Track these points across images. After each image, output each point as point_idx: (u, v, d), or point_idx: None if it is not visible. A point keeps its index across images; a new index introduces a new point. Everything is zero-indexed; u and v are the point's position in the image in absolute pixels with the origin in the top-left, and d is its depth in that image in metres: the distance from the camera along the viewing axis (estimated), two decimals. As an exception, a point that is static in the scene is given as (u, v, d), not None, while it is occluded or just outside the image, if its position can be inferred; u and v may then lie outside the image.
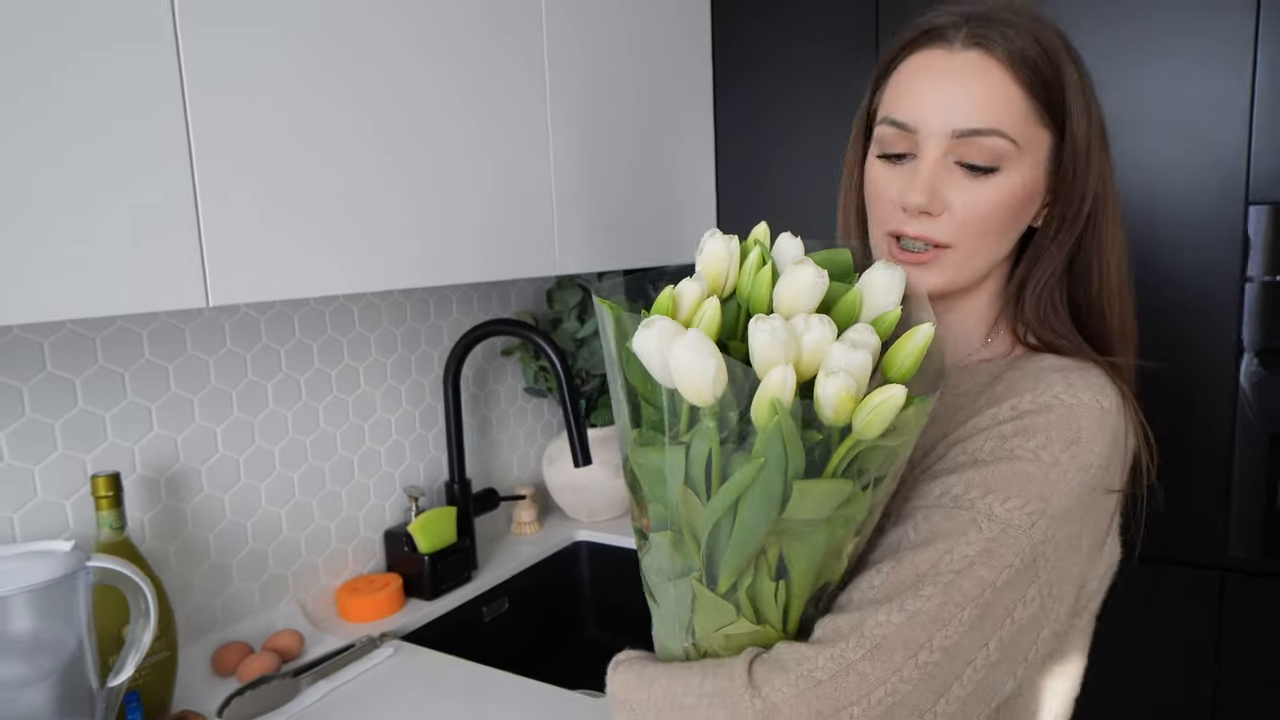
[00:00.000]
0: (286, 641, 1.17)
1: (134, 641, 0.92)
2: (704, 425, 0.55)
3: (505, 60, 1.20)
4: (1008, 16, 0.69)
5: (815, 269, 0.58)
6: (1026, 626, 0.62)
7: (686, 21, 1.64)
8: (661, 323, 0.55)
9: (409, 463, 1.46)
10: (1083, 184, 0.71)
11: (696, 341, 0.53)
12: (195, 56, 0.84)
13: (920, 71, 0.71)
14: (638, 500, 0.63)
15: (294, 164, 0.94)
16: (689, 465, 0.57)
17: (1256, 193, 1.32)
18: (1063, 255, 0.73)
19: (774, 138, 1.68)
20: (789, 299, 0.58)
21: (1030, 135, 0.69)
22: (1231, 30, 1.30)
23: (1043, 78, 0.68)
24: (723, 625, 0.62)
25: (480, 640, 1.42)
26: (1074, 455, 0.64)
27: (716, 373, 0.53)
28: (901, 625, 0.59)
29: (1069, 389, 0.66)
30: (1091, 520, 0.66)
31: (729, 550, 0.58)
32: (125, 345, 1.08)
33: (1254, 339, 1.35)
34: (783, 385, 0.52)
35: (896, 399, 0.53)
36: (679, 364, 0.53)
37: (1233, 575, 1.39)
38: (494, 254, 1.21)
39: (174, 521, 1.14)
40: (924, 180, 0.69)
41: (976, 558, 0.61)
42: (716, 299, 0.57)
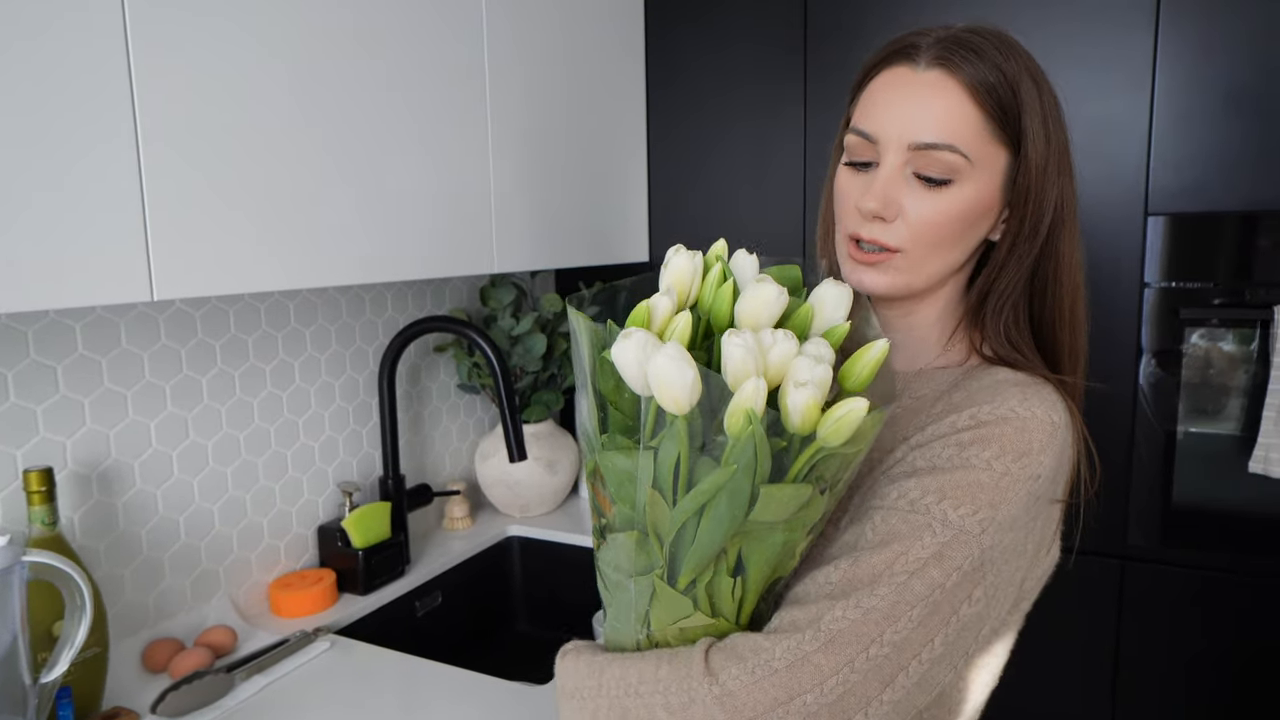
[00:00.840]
0: (219, 637, 1.17)
1: (68, 637, 0.91)
2: (673, 430, 0.58)
3: (446, 60, 1.22)
4: (975, 40, 0.74)
5: (776, 286, 0.61)
6: (970, 624, 0.67)
7: (621, 25, 1.67)
8: (639, 334, 0.58)
9: (343, 458, 1.47)
10: (1038, 202, 0.75)
11: (676, 352, 0.56)
12: (143, 50, 0.84)
13: (886, 86, 0.76)
14: (601, 500, 0.66)
15: (239, 160, 0.95)
16: (657, 469, 0.60)
17: (1155, 204, 1.41)
18: (1022, 270, 0.76)
19: (706, 138, 1.73)
20: (751, 314, 0.62)
21: (985, 152, 0.73)
22: (1131, 49, 1.39)
23: (999, 99, 0.73)
24: (679, 618, 0.65)
25: (413, 634, 1.43)
26: (1024, 466, 0.68)
27: (694, 382, 0.56)
28: (856, 620, 0.63)
29: (1024, 403, 0.70)
30: (1036, 527, 0.71)
31: (693, 550, 0.62)
32: (58, 339, 1.06)
33: (1151, 342, 1.45)
34: (756, 396, 0.55)
35: (859, 411, 0.57)
36: (659, 373, 0.56)
37: (1132, 564, 1.49)
38: (432, 252, 1.23)
39: (106, 517, 1.13)
40: (879, 187, 0.74)
41: (929, 560, 0.65)
42: (689, 313, 0.61)
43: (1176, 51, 1.37)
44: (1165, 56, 1.38)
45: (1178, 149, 1.40)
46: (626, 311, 0.65)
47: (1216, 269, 1.41)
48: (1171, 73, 1.38)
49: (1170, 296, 1.43)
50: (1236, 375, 1.42)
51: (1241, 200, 1.37)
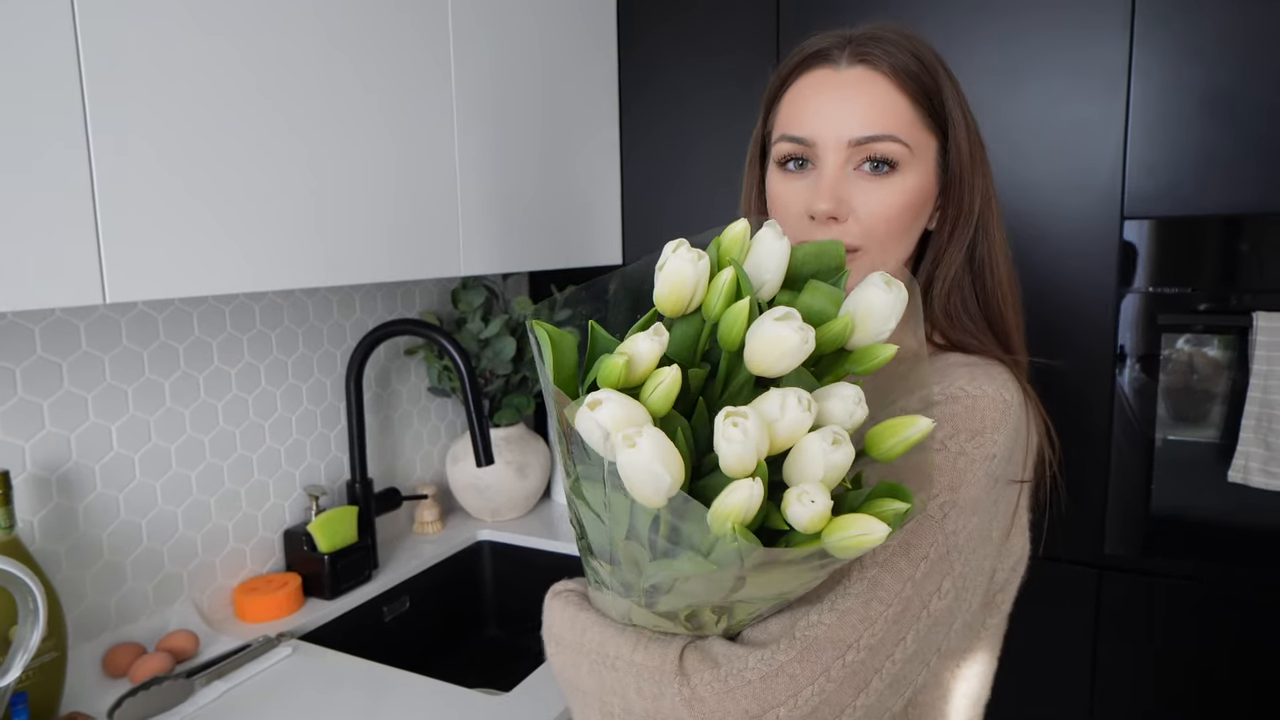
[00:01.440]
0: (180, 642, 1.17)
1: (21, 642, 0.90)
2: None
3: (412, 61, 1.22)
4: (885, 35, 0.75)
5: (801, 330, 0.49)
6: (941, 618, 0.65)
7: (592, 25, 1.68)
8: (611, 408, 0.48)
9: (310, 462, 1.46)
10: (969, 184, 0.77)
11: (651, 450, 0.46)
12: (94, 48, 0.84)
13: (811, 90, 0.76)
14: (576, 519, 0.62)
15: (196, 160, 0.94)
16: (633, 517, 0.52)
17: (1131, 208, 1.42)
18: (962, 254, 0.78)
19: (680, 139, 1.74)
20: (763, 359, 0.50)
21: (919, 139, 0.75)
22: (1105, 52, 1.40)
23: (924, 87, 0.74)
24: (660, 626, 0.63)
25: (381, 639, 1.43)
26: (978, 445, 0.67)
27: (670, 486, 0.47)
28: (832, 625, 0.61)
29: (972, 381, 0.69)
30: (999, 510, 0.69)
31: (671, 597, 0.57)
32: (16, 340, 1.06)
33: (1129, 348, 1.45)
34: (746, 506, 0.46)
35: (875, 538, 0.48)
36: (628, 472, 0.47)
37: (1109, 573, 1.49)
38: (398, 254, 1.23)
39: (66, 520, 1.12)
40: (828, 187, 0.74)
41: (896, 549, 0.63)
42: (676, 372, 0.50)
43: (1151, 55, 1.38)
44: (1140, 60, 1.39)
45: (1153, 153, 1.40)
46: (616, 303, 0.59)
47: (1195, 274, 1.41)
48: (1147, 76, 1.38)
49: (1147, 302, 1.44)
50: (1217, 382, 1.42)
51: (1218, 204, 1.37)
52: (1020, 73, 1.45)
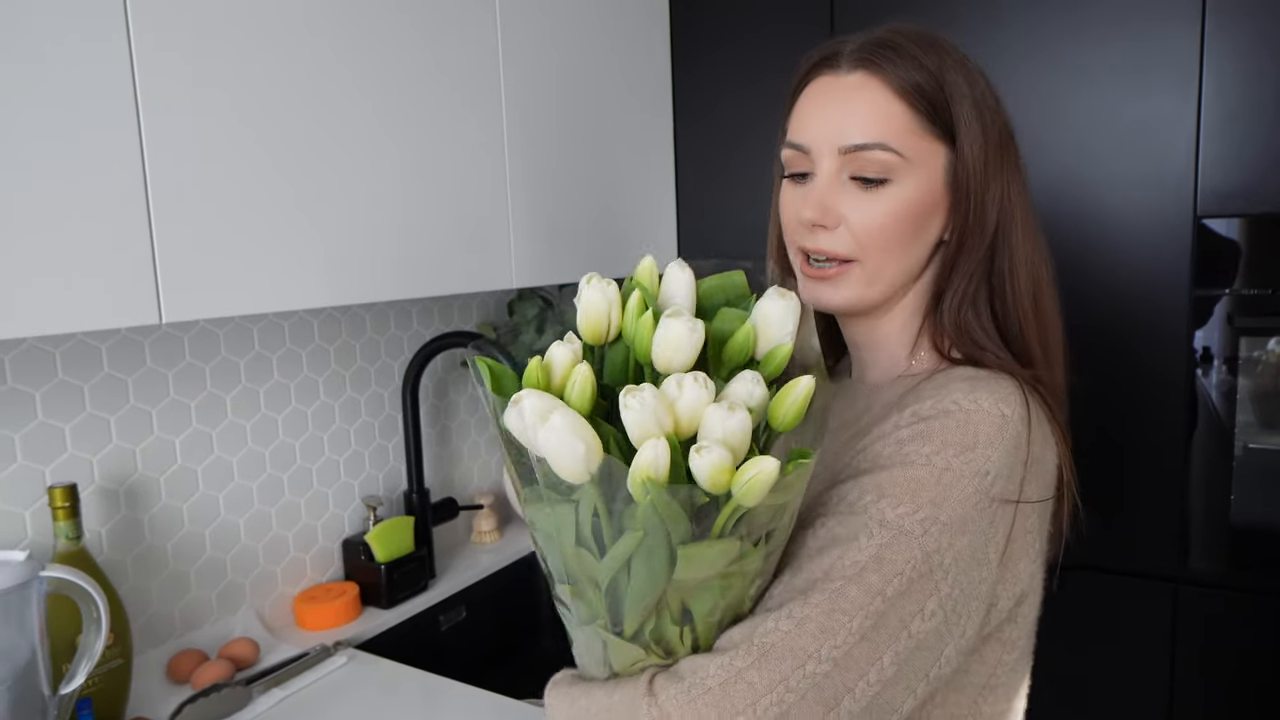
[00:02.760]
0: (241, 649, 1.20)
1: (85, 649, 0.94)
2: (587, 489, 0.55)
3: (462, 76, 1.24)
4: (894, 38, 0.73)
5: (687, 322, 0.56)
6: (927, 641, 0.62)
7: (644, 30, 1.67)
8: (529, 401, 0.53)
9: (368, 472, 1.49)
10: (981, 195, 0.73)
11: (563, 424, 0.51)
12: (149, 68, 0.86)
13: (812, 96, 0.76)
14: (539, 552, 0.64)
15: (250, 182, 0.97)
16: (579, 525, 0.56)
17: (1205, 207, 1.35)
18: (974, 266, 0.74)
19: (733, 146, 1.72)
20: (665, 355, 0.57)
21: (919, 148, 0.72)
22: (1175, 46, 1.34)
23: (925, 92, 0.71)
24: (636, 661, 0.63)
25: (437, 649, 1.44)
26: (967, 461, 0.64)
27: (587, 453, 0.52)
28: (789, 633, 0.60)
29: (969, 395, 0.67)
30: (997, 531, 0.66)
31: (627, 604, 0.58)
32: (85, 359, 1.10)
33: (1212, 350, 1.38)
34: (654, 462, 0.51)
35: (769, 473, 0.52)
36: (547, 448, 0.52)
37: (1186, 588, 1.42)
38: (450, 268, 1.24)
39: (132, 531, 1.16)
40: (815, 195, 0.73)
41: (868, 564, 0.61)
42: (587, 365, 0.56)
43: (1224, 47, 1.31)
44: (1212, 53, 1.32)
45: (1228, 149, 1.33)
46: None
47: (1275, 274, 1.34)
48: (1219, 69, 1.32)
49: (1223, 303, 1.37)
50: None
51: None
52: (1085, 69, 1.40)
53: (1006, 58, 1.44)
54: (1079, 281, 1.43)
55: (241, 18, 0.95)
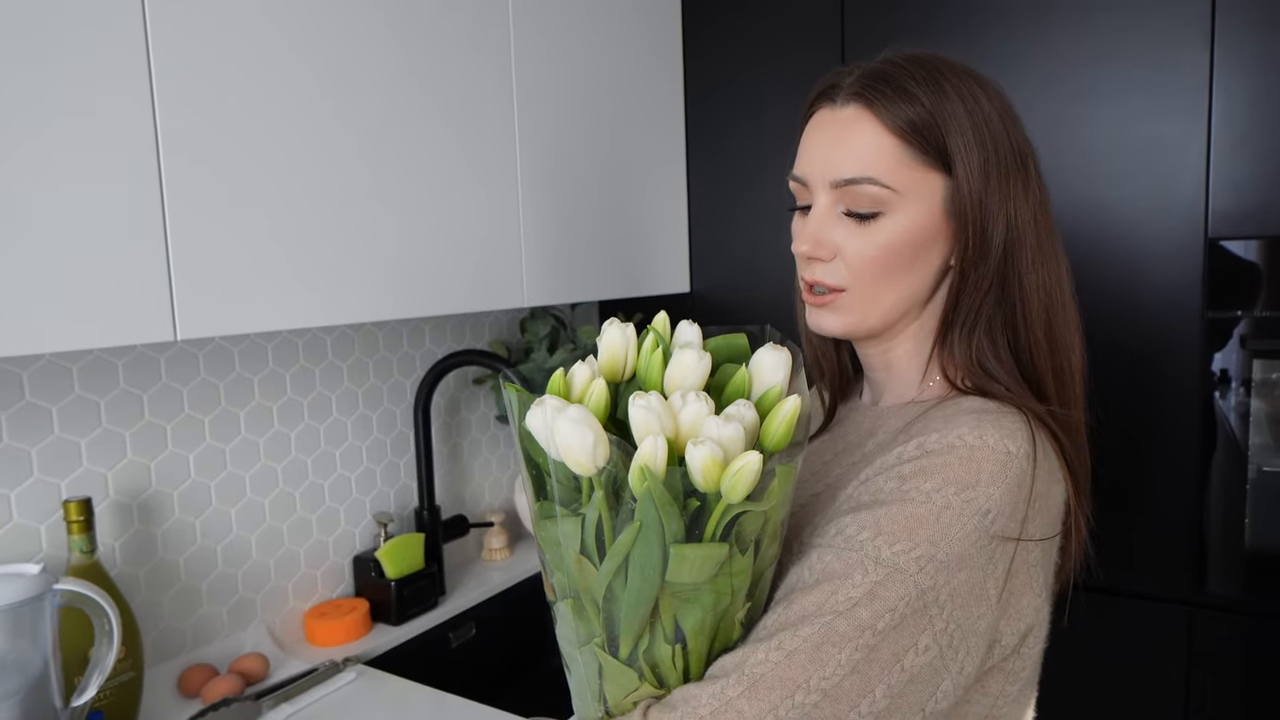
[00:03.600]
0: (251, 664, 1.20)
1: (97, 662, 0.95)
2: (596, 499, 0.59)
3: (475, 96, 1.26)
4: (889, 70, 0.73)
5: (696, 352, 0.63)
6: (921, 676, 0.62)
7: (657, 52, 1.69)
8: (550, 400, 0.60)
9: (379, 489, 1.50)
10: (981, 221, 0.72)
11: (577, 414, 0.57)
12: (168, 91, 0.89)
13: (812, 129, 0.77)
14: (545, 584, 0.68)
15: (265, 201, 0.99)
16: (584, 534, 0.61)
17: (1216, 229, 1.35)
18: (982, 295, 0.73)
19: (745, 166, 1.73)
20: (676, 379, 0.63)
21: (911, 179, 0.72)
22: (1184, 66, 1.34)
23: (916, 124, 0.71)
24: (629, 691, 0.64)
25: (446, 666, 1.45)
26: (968, 500, 0.64)
27: (595, 443, 0.57)
28: (779, 663, 0.60)
29: (976, 430, 0.66)
30: (996, 569, 0.65)
31: (624, 612, 0.61)
32: (101, 375, 1.12)
33: (1225, 372, 1.37)
34: (653, 453, 0.56)
35: (753, 463, 0.56)
36: (560, 436, 0.58)
37: (1201, 611, 1.40)
38: (462, 287, 1.25)
39: (145, 545, 1.17)
40: (810, 229, 0.75)
41: (860, 600, 0.61)
42: (603, 380, 0.62)
43: (1234, 67, 1.31)
44: (1222, 73, 1.33)
45: (1239, 170, 1.33)
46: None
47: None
48: (1229, 90, 1.32)
49: (1236, 326, 1.36)
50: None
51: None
52: (1095, 91, 1.40)
53: (1016, 81, 1.45)
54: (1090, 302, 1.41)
55: (260, 41, 0.97)
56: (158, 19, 0.87)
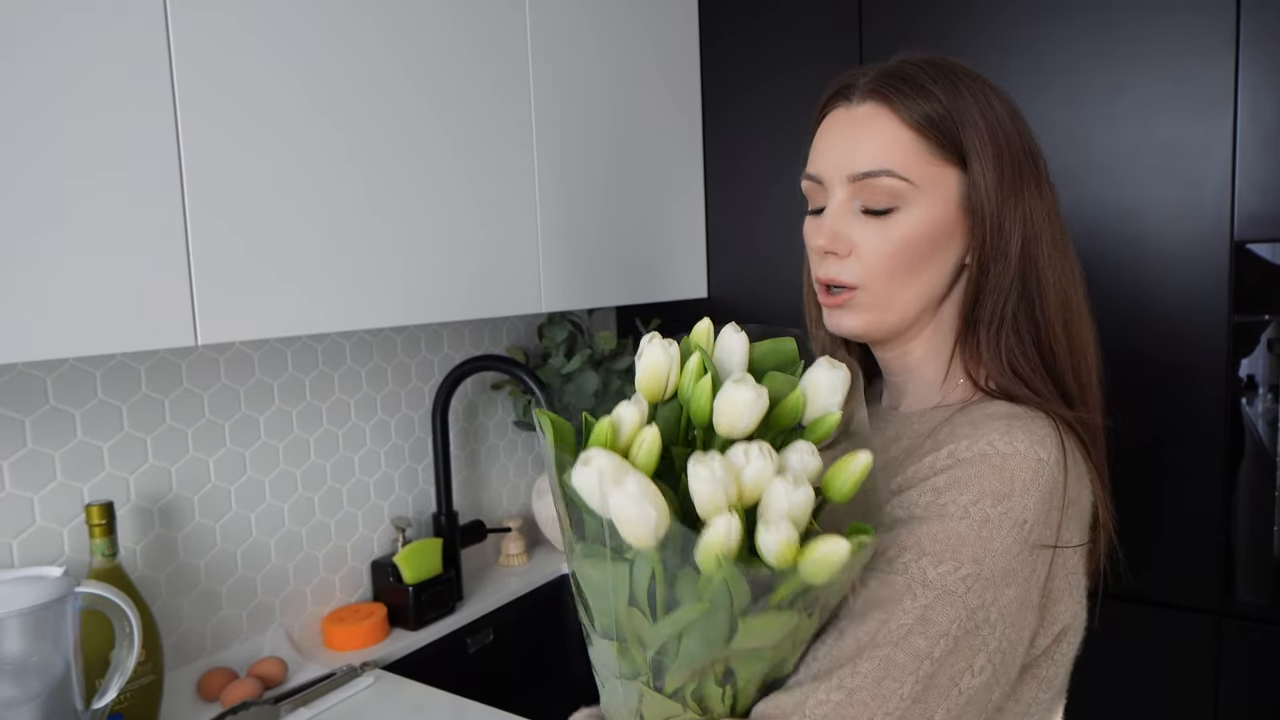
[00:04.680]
0: (270, 668, 1.21)
1: (118, 665, 0.96)
2: (649, 555, 0.55)
3: (491, 102, 1.26)
4: (904, 68, 0.74)
5: (754, 389, 0.56)
6: (977, 696, 0.62)
7: (674, 56, 1.69)
8: (599, 460, 0.54)
9: (398, 494, 1.50)
10: (998, 216, 0.72)
11: (636, 489, 0.52)
12: (190, 100, 0.89)
13: (826, 128, 0.77)
14: (584, 607, 0.64)
15: (284, 207, 0.99)
16: (633, 584, 0.56)
17: (1243, 232, 1.33)
18: (1005, 290, 0.73)
19: (763, 170, 1.73)
20: (727, 421, 0.57)
21: (930, 173, 0.72)
22: (1208, 67, 1.32)
23: (933, 119, 0.72)
24: (670, 716, 0.62)
25: (464, 671, 1.45)
26: (1005, 511, 0.63)
27: (657, 522, 0.52)
28: (840, 704, 0.59)
29: (1005, 437, 0.66)
30: (1037, 577, 0.65)
31: (675, 666, 0.58)
32: (123, 380, 1.13)
33: (1254, 378, 1.35)
34: (727, 538, 0.51)
35: (840, 554, 0.52)
36: (619, 512, 0.52)
37: (1231, 621, 1.38)
38: (479, 292, 1.26)
39: (166, 549, 1.18)
40: (827, 224, 0.75)
41: (913, 627, 0.61)
42: (655, 431, 0.56)
43: (1259, 68, 1.30)
44: (1247, 74, 1.31)
45: (1266, 172, 1.31)
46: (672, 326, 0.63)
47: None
48: (1255, 91, 1.30)
49: (1265, 331, 1.34)
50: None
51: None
52: (1117, 93, 1.39)
53: (1039, 85, 1.44)
54: (1116, 307, 1.41)
55: (281, 54, 0.98)
56: (181, 40, 0.88)
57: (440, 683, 1.25)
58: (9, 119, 0.76)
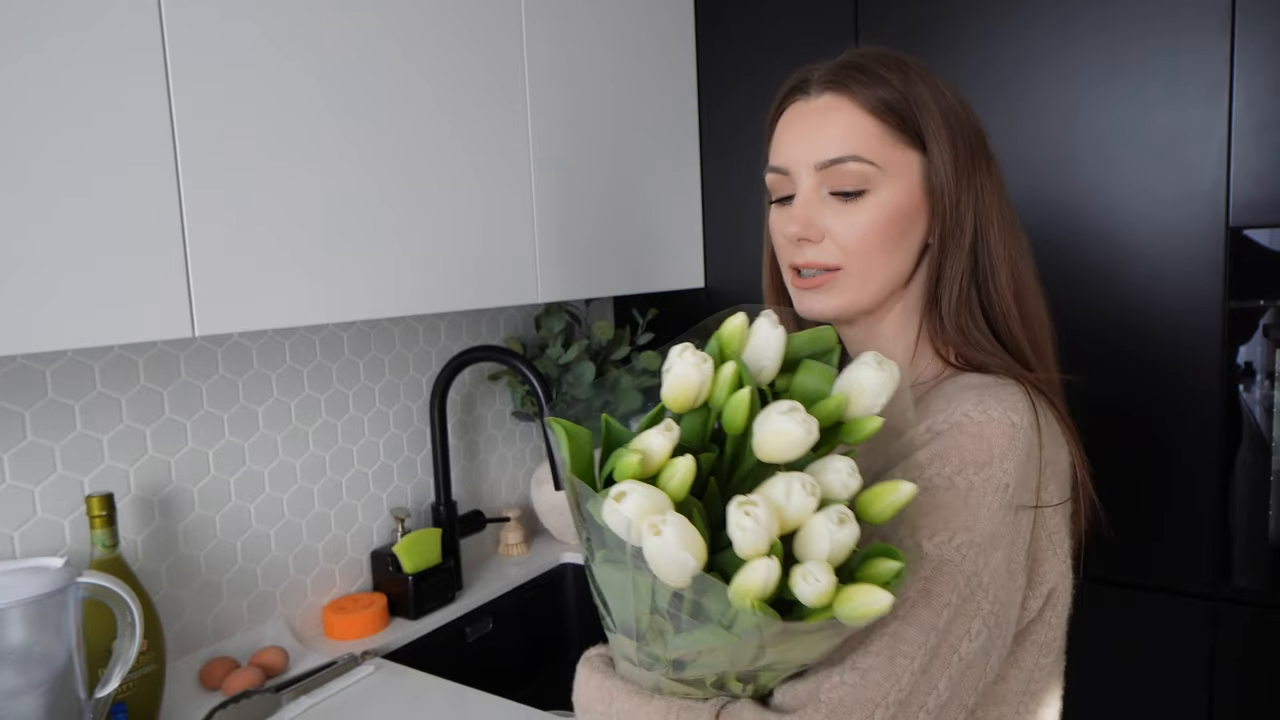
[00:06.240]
0: (271, 658, 1.22)
1: (120, 654, 0.96)
2: None
3: (488, 93, 1.26)
4: (858, 60, 0.77)
5: (804, 425, 0.53)
6: (975, 660, 0.63)
7: (670, 45, 1.69)
8: (635, 498, 0.51)
9: (396, 485, 1.51)
10: (955, 197, 0.76)
11: (675, 536, 0.49)
12: (184, 90, 0.90)
13: (787, 121, 0.80)
14: (603, 605, 0.63)
15: (281, 198, 0.99)
16: (655, 598, 0.55)
17: (1238, 218, 1.33)
18: (960, 268, 0.77)
19: (758, 158, 1.72)
20: (773, 451, 0.54)
21: (893, 157, 0.75)
22: (1204, 52, 1.33)
23: (891, 105, 0.75)
24: (689, 694, 0.63)
25: (463, 660, 1.45)
26: (988, 478, 0.65)
27: (694, 569, 0.50)
28: (856, 685, 0.60)
29: (979, 405, 0.68)
30: (1020, 540, 0.67)
31: (697, 668, 0.58)
32: (122, 372, 1.13)
33: (1247, 363, 1.36)
34: (765, 583, 0.49)
35: (881, 606, 0.50)
36: (654, 555, 0.50)
37: (1227, 606, 1.38)
38: (476, 283, 1.26)
39: (166, 540, 1.19)
40: (798, 211, 0.77)
41: (917, 600, 0.62)
42: (690, 460, 0.53)
43: (1255, 53, 1.30)
44: (1243, 59, 1.31)
45: (1261, 158, 1.31)
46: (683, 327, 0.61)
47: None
48: (1250, 76, 1.30)
49: (1260, 315, 1.34)
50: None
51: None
52: (1110, 77, 1.39)
53: (1034, 70, 1.44)
54: (1110, 295, 1.41)
55: (274, 43, 0.98)
56: (174, 27, 0.88)
57: (440, 671, 1.26)
58: (4, 109, 0.77)
